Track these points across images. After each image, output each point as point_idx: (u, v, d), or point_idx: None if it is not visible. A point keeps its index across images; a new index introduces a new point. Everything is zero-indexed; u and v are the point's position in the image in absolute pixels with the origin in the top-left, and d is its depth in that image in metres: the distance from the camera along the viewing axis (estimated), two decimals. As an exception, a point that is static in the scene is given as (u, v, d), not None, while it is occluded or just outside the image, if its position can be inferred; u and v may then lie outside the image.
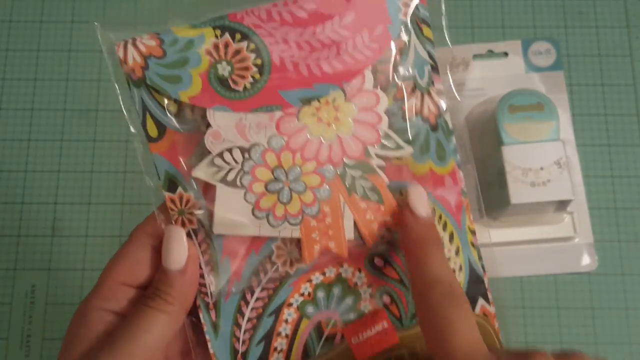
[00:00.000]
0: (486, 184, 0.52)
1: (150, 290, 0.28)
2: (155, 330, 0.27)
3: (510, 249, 0.52)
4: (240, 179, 0.28)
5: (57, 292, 0.52)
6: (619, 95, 0.57)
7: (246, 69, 0.28)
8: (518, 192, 0.48)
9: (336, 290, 0.30)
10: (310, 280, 0.29)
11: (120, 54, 0.27)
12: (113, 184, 0.55)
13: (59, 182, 0.54)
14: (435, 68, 0.30)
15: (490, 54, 0.58)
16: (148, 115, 0.28)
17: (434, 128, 0.30)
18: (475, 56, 0.57)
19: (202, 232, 0.29)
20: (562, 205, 0.50)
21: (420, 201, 0.28)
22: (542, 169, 0.48)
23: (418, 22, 0.30)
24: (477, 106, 0.56)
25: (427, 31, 0.30)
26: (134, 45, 0.27)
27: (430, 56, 0.30)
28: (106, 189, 0.54)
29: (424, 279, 0.26)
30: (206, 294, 0.28)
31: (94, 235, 0.53)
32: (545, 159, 0.49)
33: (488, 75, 0.57)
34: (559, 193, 0.48)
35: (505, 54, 0.57)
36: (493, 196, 0.50)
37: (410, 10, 0.29)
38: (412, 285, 0.27)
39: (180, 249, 0.27)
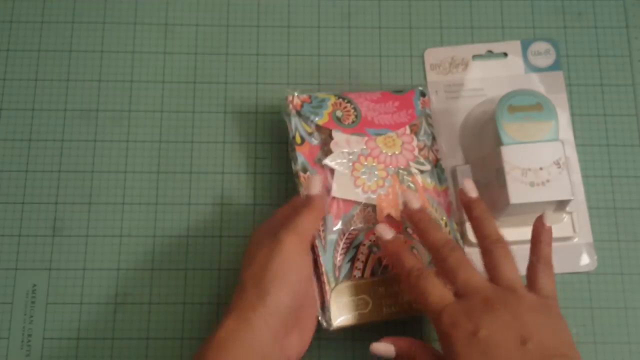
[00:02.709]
0: (486, 184, 0.52)
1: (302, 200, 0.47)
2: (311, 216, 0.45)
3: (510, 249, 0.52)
4: (348, 166, 0.51)
5: (57, 291, 0.52)
6: (618, 95, 0.57)
7: (349, 114, 0.52)
8: (517, 192, 0.48)
9: None
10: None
11: (290, 99, 0.52)
12: (113, 184, 0.55)
13: (59, 182, 0.55)
14: (434, 137, 0.53)
15: (490, 54, 0.58)
16: (297, 132, 0.51)
17: (435, 166, 0.52)
18: (475, 56, 0.58)
19: None
20: (561, 205, 0.50)
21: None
22: (541, 169, 0.48)
23: (426, 110, 0.54)
24: (476, 106, 0.56)
25: (429, 120, 0.54)
26: (298, 97, 0.52)
27: (431, 130, 0.53)
28: (106, 188, 0.55)
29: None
30: (319, 234, 0.49)
31: (95, 235, 0.54)
32: (544, 159, 0.49)
33: (487, 75, 0.57)
34: (558, 193, 0.48)
35: (505, 54, 0.58)
36: (492, 196, 0.50)
37: (423, 105, 0.54)
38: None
39: (317, 182, 0.46)
